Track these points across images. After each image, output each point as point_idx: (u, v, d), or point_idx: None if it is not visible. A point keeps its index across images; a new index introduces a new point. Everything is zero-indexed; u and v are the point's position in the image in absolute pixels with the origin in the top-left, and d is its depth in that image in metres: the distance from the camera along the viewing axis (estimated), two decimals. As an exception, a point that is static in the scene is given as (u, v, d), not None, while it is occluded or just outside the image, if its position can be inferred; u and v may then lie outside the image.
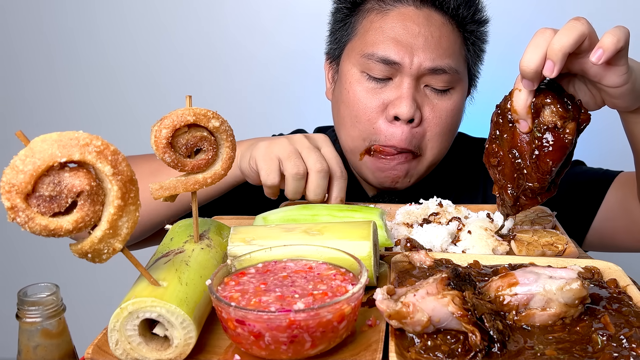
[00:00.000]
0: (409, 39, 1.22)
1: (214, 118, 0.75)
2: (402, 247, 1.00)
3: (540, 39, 0.83)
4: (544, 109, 0.87)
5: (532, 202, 0.94)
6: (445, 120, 1.26)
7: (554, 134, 0.87)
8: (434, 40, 1.22)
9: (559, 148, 0.87)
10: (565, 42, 0.80)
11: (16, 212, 0.56)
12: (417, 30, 1.22)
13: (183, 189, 0.76)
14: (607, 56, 0.81)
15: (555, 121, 0.86)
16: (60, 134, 0.58)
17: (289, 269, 0.74)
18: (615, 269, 0.83)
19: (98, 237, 0.62)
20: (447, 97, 1.26)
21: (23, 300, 0.70)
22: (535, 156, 0.88)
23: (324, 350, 0.66)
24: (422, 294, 0.66)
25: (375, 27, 1.26)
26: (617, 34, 0.81)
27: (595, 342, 0.65)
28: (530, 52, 0.83)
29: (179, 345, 0.66)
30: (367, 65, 1.24)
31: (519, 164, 0.91)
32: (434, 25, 1.23)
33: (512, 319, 0.70)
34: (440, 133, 1.27)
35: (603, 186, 1.30)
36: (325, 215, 1.03)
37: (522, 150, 0.90)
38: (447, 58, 1.23)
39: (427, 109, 1.24)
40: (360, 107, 1.25)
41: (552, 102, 0.86)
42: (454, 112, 1.28)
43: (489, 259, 0.87)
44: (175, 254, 0.76)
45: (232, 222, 1.07)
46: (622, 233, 1.28)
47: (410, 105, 1.20)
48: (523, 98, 0.87)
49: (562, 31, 0.82)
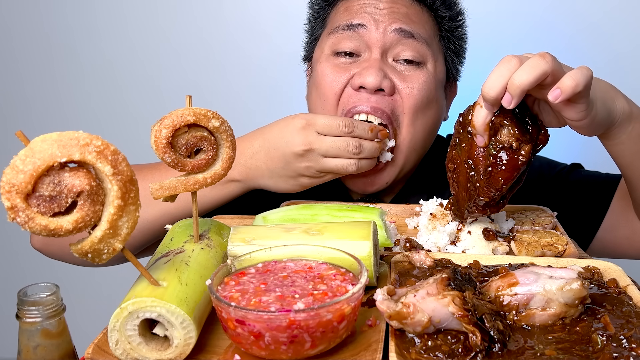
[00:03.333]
0: (374, 10, 1.22)
1: (214, 118, 0.75)
2: (402, 247, 1.00)
3: (504, 68, 0.84)
4: (502, 129, 0.89)
5: (482, 212, 0.96)
6: (419, 92, 1.21)
7: (509, 153, 0.89)
8: (400, 13, 1.22)
9: (511, 168, 0.89)
10: (525, 80, 0.82)
11: (16, 212, 0.56)
12: (382, 5, 1.23)
13: (183, 189, 0.76)
14: (563, 98, 0.82)
15: (511, 142, 0.88)
16: (60, 134, 0.58)
17: (289, 269, 0.74)
18: (615, 269, 0.83)
19: (98, 237, 0.62)
20: (418, 70, 1.22)
21: (23, 300, 0.70)
22: (488, 172, 0.90)
23: (324, 350, 0.66)
24: (423, 295, 0.66)
25: (341, 10, 1.27)
26: (577, 78, 0.82)
27: (595, 342, 0.65)
28: (492, 79, 0.84)
29: (179, 345, 0.66)
30: (336, 40, 1.24)
31: (473, 176, 0.92)
32: (400, 3, 1.24)
33: (512, 319, 0.70)
34: (416, 105, 1.21)
35: (607, 195, 1.29)
36: (325, 215, 1.03)
37: (477, 163, 0.92)
38: (415, 25, 1.22)
39: (397, 80, 1.21)
40: (327, 82, 1.23)
41: (510, 124, 0.88)
42: (428, 85, 1.22)
43: (489, 259, 0.87)
44: (175, 254, 0.76)
45: (232, 222, 1.07)
46: (624, 244, 1.28)
47: (376, 73, 1.17)
48: (483, 115, 0.88)
49: (525, 68, 0.82)
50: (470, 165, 0.93)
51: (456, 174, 0.96)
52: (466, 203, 0.95)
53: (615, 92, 0.99)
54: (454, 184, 0.97)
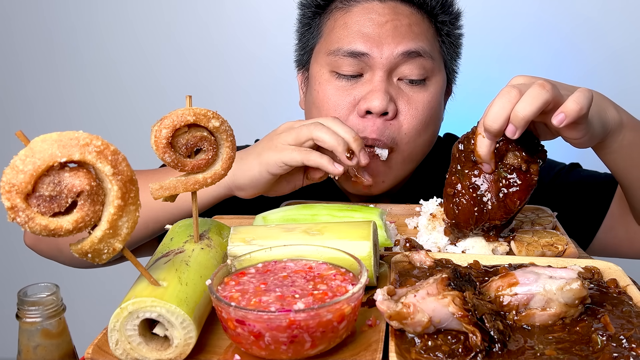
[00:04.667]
0: (376, 30, 1.18)
1: (214, 118, 0.75)
2: (402, 247, 1.00)
3: (505, 100, 0.84)
4: (507, 153, 0.91)
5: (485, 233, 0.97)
6: (423, 113, 1.20)
7: (520, 175, 0.90)
8: (403, 27, 1.18)
9: (525, 187, 0.91)
10: (528, 112, 0.82)
11: (16, 212, 0.56)
12: (383, 20, 1.18)
13: (183, 189, 0.76)
14: (568, 122, 0.83)
15: (520, 164, 0.90)
16: (60, 134, 0.58)
17: (289, 269, 0.74)
18: (615, 269, 0.83)
19: (98, 237, 0.62)
20: (423, 89, 1.21)
21: (23, 300, 0.70)
22: (502, 195, 0.91)
23: (324, 350, 0.66)
24: (423, 295, 0.66)
25: (339, 24, 1.22)
26: (581, 101, 0.83)
27: (595, 342, 0.65)
28: (494, 112, 0.85)
29: (179, 345, 0.66)
30: (335, 62, 1.20)
31: (482, 200, 0.92)
32: (402, 14, 1.20)
33: (512, 319, 0.70)
34: (418, 127, 1.20)
35: (606, 196, 1.29)
36: (325, 215, 1.03)
37: (487, 187, 0.92)
38: (420, 42, 1.19)
39: (402, 102, 1.19)
40: (331, 105, 1.20)
41: (516, 148, 0.90)
42: (432, 104, 1.21)
43: (489, 259, 0.87)
44: (175, 254, 0.76)
45: (232, 222, 1.07)
46: (625, 245, 1.28)
47: (382, 97, 1.15)
48: (487, 145, 0.89)
49: (527, 99, 0.83)
50: (475, 189, 0.93)
51: (456, 198, 0.95)
52: (470, 227, 0.95)
53: (607, 102, 1.00)
54: (454, 209, 0.96)
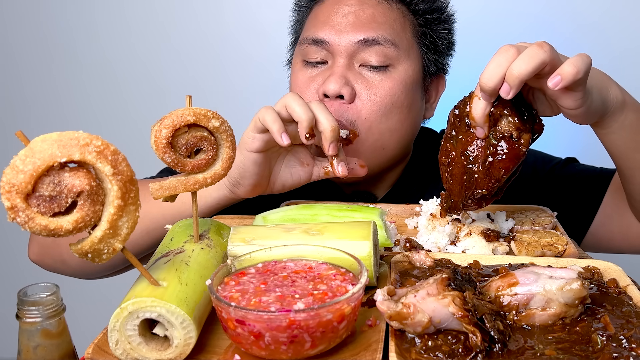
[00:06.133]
0: (339, 19, 1.23)
1: (214, 118, 0.75)
2: (402, 247, 1.00)
3: (502, 58, 0.84)
4: (501, 119, 0.89)
5: (477, 205, 0.96)
6: (382, 99, 1.20)
7: (509, 143, 0.89)
8: (365, 16, 1.22)
9: (512, 157, 0.89)
10: (523, 70, 0.82)
11: (16, 212, 0.56)
12: (347, 10, 1.23)
13: (183, 189, 0.76)
14: (563, 85, 0.82)
15: (511, 131, 0.89)
16: (60, 134, 0.58)
17: (289, 269, 0.74)
18: (615, 269, 0.83)
19: (98, 237, 0.62)
20: (385, 76, 1.21)
21: (23, 300, 0.70)
22: (488, 162, 0.90)
23: (324, 350, 0.66)
24: (423, 295, 0.66)
25: (312, 17, 1.29)
26: (578, 64, 0.82)
27: (595, 342, 0.65)
28: (490, 70, 0.84)
29: (179, 345, 0.66)
30: (304, 51, 1.26)
31: (471, 168, 0.92)
32: (367, 5, 1.24)
33: (512, 319, 0.70)
34: (378, 112, 1.20)
35: (600, 189, 1.29)
36: (325, 215, 1.03)
37: (476, 154, 0.92)
38: (382, 30, 1.21)
39: (361, 87, 1.20)
40: (299, 92, 1.24)
41: (510, 113, 0.88)
42: (393, 90, 1.21)
43: (489, 259, 0.87)
44: (175, 254, 0.76)
45: (232, 222, 1.07)
46: (618, 238, 1.28)
47: (337, 80, 1.17)
48: (481, 107, 0.88)
49: (523, 57, 0.82)
50: (467, 157, 0.92)
51: (450, 167, 0.95)
52: (461, 196, 0.94)
53: (609, 80, 0.99)
54: (448, 177, 0.96)
